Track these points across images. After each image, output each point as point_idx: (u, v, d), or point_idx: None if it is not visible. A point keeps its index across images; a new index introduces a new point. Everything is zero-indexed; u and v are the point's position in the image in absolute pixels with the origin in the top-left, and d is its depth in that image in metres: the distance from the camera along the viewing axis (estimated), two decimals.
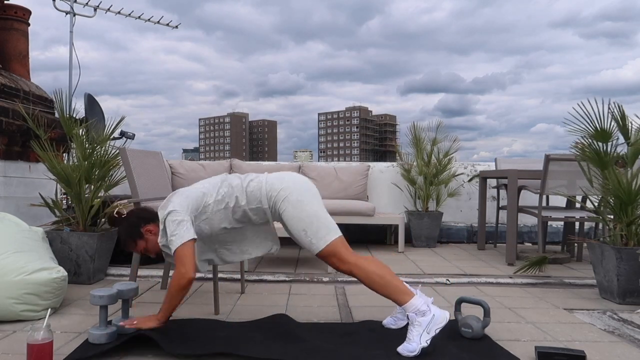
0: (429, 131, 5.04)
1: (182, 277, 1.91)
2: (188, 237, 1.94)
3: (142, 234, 2.11)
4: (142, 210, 2.20)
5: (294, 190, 2.06)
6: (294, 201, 2.04)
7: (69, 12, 5.00)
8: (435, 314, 1.93)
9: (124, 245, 2.15)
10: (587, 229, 4.81)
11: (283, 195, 2.06)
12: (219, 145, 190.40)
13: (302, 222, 2.03)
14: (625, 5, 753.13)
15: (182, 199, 2.03)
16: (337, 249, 2.03)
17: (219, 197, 2.09)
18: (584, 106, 3.09)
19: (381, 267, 2.04)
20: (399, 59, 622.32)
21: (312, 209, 2.04)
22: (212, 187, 2.12)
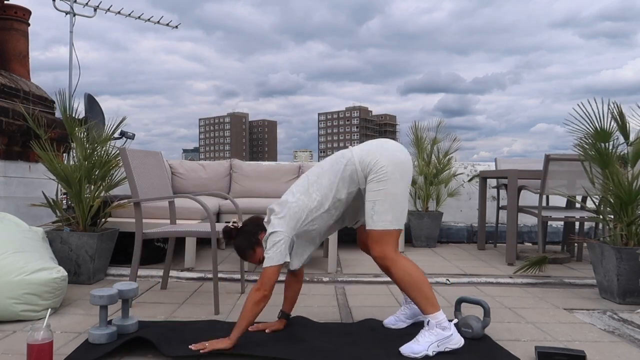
0: (429, 131, 5.04)
1: (258, 292, 1.92)
2: (278, 261, 1.94)
3: (259, 240, 2.09)
4: (256, 219, 2.16)
5: (387, 163, 1.98)
6: (383, 175, 1.97)
7: (69, 12, 5.00)
8: (453, 334, 1.93)
9: (244, 256, 2.13)
10: (587, 229, 4.81)
11: (375, 168, 1.98)
12: (219, 145, 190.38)
13: (379, 195, 1.97)
14: (625, 6, 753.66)
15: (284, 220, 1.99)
16: (387, 239, 1.98)
17: (315, 204, 2.03)
18: (585, 106, 3.09)
19: (418, 272, 2.01)
20: (399, 59, 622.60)
21: (396, 190, 1.98)
22: (306, 196, 2.04)
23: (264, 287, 1.92)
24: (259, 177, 5.03)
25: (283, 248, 1.96)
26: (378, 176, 1.98)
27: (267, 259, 1.95)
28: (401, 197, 2.01)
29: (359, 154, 2.04)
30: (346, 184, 2.03)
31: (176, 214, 3.19)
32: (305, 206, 2.02)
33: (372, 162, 2.00)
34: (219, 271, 3.41)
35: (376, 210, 1.97)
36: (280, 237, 1.96)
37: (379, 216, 1.97)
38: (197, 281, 3.24)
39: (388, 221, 1.97)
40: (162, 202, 3.42)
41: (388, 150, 2.03)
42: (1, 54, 4.45)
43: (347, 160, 2.04)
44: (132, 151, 2.77)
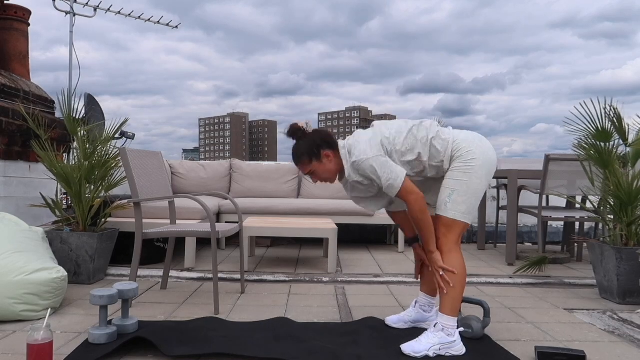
0: None
1: (418, 202, 1.93)
2: (402, 173, 1.93)
3: (321, 156, 2.06)
4: (327, 134, 2.13)
5: (479, 156, 1.97)
6: (471, 167, 1.96)
7: (69, 12, 5.00)
8: (457, 341, 1.93)
9: (297, 160, 2.10)
10: (587, 229, 4.81)
11: (466, 157, 1.97)
12: (219, 145, 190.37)
13: (460, 186, 1.96)
14: (624, 6, 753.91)
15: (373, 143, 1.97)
16: (455, 228, 1.98)
17: (403, 149, 2.00)
18: (586, 106, 3.09)
19: (462, 272, 2.01)
20: (399, 59, 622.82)
21: (479, 186, 1.97)
22: (397, 136, 2.01)
23: (416, 194, 1.92)
24: (259, 177, 5.03)
25: (392, 164, 1.94)
26: (466, 166, 1.97)
27: (394, 180, 1.92)
28: (479, 194, 2.00)
29: (458, 136, 2.03)
30: (433, 152, 2.01)
31: (176, 214, 3.19)
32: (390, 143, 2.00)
33: (465, 150, 1.98)
34: (219, 271, 3.41)
35: (452, 199, 1.97)
36: (383, 158, 1.94)
37: (453, 205, 1.97)
38: (197, 281, 3.24)
39: (461, 212, 1.97)
40: (162, 202, 3.42)
41: (484, 145, 2.03)
42: (1, 54, 4.45)
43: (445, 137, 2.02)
44: (132, 151, 2.77)
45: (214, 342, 1.98)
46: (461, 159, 1.98)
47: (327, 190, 4.94)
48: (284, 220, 3.95)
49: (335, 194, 4.91)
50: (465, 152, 1.98)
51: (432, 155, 2.02)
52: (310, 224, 3.67)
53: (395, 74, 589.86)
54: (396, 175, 1.93)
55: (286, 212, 4.46)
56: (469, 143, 2.00)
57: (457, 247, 2.01)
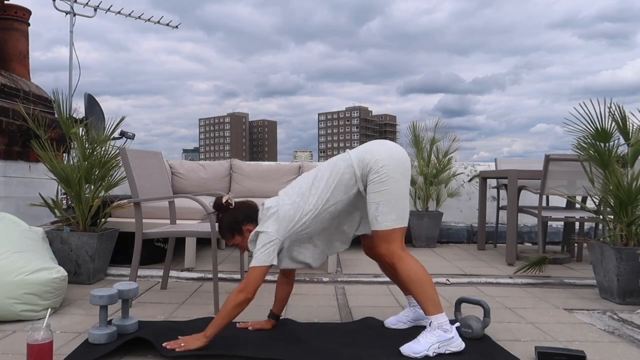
0: (428, 131, 5.04)
1: (241, 293, 1.91)
2: (265, 262, 1.94)
3: (243, 231, 2.09)
4: (249, 207, 2.15)
5: (388, 162, 1.98)
6: (384, 174, 1.97)
7: (69, 12, 5.00)
8: (454, 337, 1.93)
9: (222, 235, 2.14)
10: (587, 229, 4.81)
11: (375, 167, 1.97)
12: (219, 145, 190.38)
13: (382, 196, 1.97)
14: (624, 7, 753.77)
15: (277, 221, 1.99)
16: (394, 237, 1.98)
17: (310, 207, 2.02)
18: (586, 106, 3.09)
19: (424, 272, 2.00)
20: (399, 59, 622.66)
21: (398, 189, 1.98)
22: (303, 199, 2.03)
23: (247, 289, 1.91)
24: (259, 177, 5.03)
25: (272, 250, 1.95)
26: (379, 176, 1.97)
27: (255, 258, 1.94)
28: (403, 196, 2.01)
29: (357, 154, 2.04)
30: (343, 188, 2.02)
31: (176, 214, 3.19)
32: (299, 208, 2.01)
33: (372, 161, 1.99)
34: (219, 271, 3.41)
35: (380, 211, 1.97)
36: (271, 238, 1.95)
37: (383, 216, 1.97)
38: (197, 281, 3.24)
39: (392, 220, 1.97)
40: (162, 202, 3.42)
41: (387, 149, 2.03)
42: (1, 54, 4.45)
43: (346, 164, 2.03)
44: (132, 151, 2.77)
45: (213, 342, 1.97)
46: (372, 170, 1.99)
47: None
48: None
49: None
50: (373, 162, 1.99)
51: (347, 188, 2.02)
52: None
53: (396, 74, 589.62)
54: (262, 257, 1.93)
55: None
56: (372, 153, 2.01)
57: (404, 253, 2.00)
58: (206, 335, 1.90)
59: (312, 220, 2.03)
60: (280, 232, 1.98)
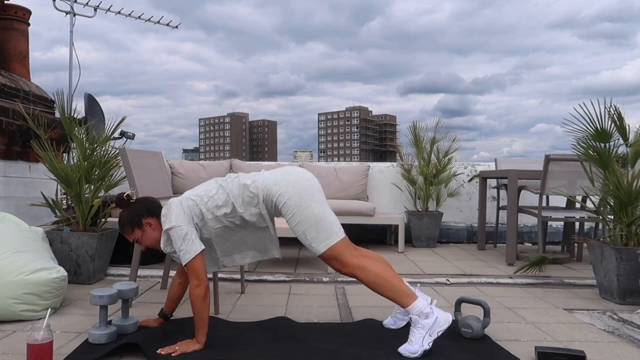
0: (428, 131, 5.04)
1: (198, 288, 1.91)
2: (195, 251, 1.93)
3: (143, 224, 2.08)
4: (150, 202, 2.16)
5: (293, 194, 2.01)
6: (293, 205, 2.00)
7: (69, 12, 5.00)
8: (438, 317, 1.91)
9: (121, 229, 2.12)
10: (587, 229, 4.81)
11: (282, 201, 2.01)
12: (219, 145, 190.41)
13: (302, 225, 1.99)
14: (624, 7, 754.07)
15: (179, 211, 1.99)
16: (338, 252, 1.99)
17: (215, 204, 2.04)
18: (586, 106, 3.09)
19: (385, 269, 2.01)
20: (399, 59, 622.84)
21: (312, 212, 1.99)
22: (207, 194, 2.06)
23: (201, 281, 1.91)
24: None
25: (193, 238, 1.95)
26: (290, 209, 2.00)
27: (184, 254, 1.92)
28: (323, 215, 2.01)
29: (264, 181, 2.05)
30: (246, 204, 2.05)
31: None
32: (202, 202, 2.03)
33: (278, 193, 2.01)
34: (219, 271, 3.41)
35: (310, 238, 1.99)
36: (184, 229, 1.94)
37: (316, 242, 1.98)
38: None
39: (325, 240, 1.98)
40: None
41: (292, 177, 2.05)
42: (1, 53, 4.45)
43: (253, 186, 2.04)
44: (132, 151, 2.77)
45: (214, 345, 1.97)
46: (281, 203, 2.01)
47: (327, 190, 4.94)
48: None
49: (335, 194, 4.91)
50: (279, 195, 2.01)
51: (246, 205, 2.05)
52: None
53: (396, 74, 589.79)
54: (188, 249, 1.93)
55: None
56: (278, 185, 2.03)
57: (358, 260, 2.00)
58: (199, 341, 1.91)
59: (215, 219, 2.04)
60: (182, 220, 1.96)
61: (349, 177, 4.98)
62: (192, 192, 2.09)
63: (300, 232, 2.01)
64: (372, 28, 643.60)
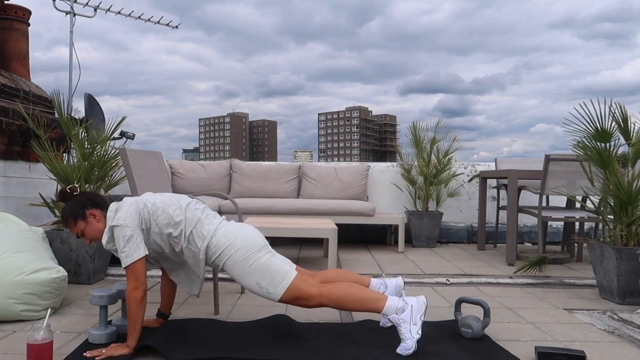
0: (428, 131, 5.04)
1: (137, 290, 1.87)
2: (138, 255, 1.88)
3: (86, 215, 2.00)
4: (94, 194, 2.11)
5: (239, 245, 1.97)
6: (239, 259, 1.96)
7: (69, 12, 5.00)
8: (412, 305, 1.91)
9: (64, 222, 2.05)
10: (587, 229, 4.81)
11: (227, 254, 1.97)
12: (219, 145, 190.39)
13: (253, 276, 1.95)
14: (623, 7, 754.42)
15: (131, 211, 1.94)
16: (297, 290, 1.95)
17: (167, 221, 1.99)
18: (586, 106, 3.09)
19: (347, 286, 1.98)
20: (399, 59, 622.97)
21: (260, 262, 1.96)
22: (164, 208, 2.00)
23: (140, 284, 1.87)
24: (259, 177, 5.03)
25: (139, 242, 1.90)
26: (241, 259, 1.95)
27: (126, 256, 1.88)
28: (270, 260, 1.98)
29: (219, 231, 2.02)
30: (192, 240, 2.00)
31: None
32: (155, 213, 1.98)
33: (226, 244, 1.97)
34: (219, 271, 3.41)
35: (264, 286, 1.95)
36: (130, 231, 1.89)
37: (272, 287, 1.94)
38: None
39: (279, 282, 1.94)
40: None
41: (244, 231, 2.03)
42: (1, 54, 4.45)
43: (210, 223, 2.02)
44: (132, 151, 2.77)
45: (214, 345, 1.97)
46: (229, 255, 1.97)
47: (327, 190, 4.94)
48: (284, 220, 3.95)
49: (335, 194, 4.91)
50: (226, 247, 1.97)
51: (192, 239, 2.01)
52: (310, 224, 3.67)
53: (396, 74, 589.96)
54: (131, 252, 1.88)
55: (286, 212, 4.46)
56: (228, 237, 1.99)
57: (319, 289, 1.95)
58: (129, 345, 1.87)
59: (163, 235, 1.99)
60: (132, 221, 1.91)
61: (349, 177, 4.98)
62: (152, 199, 2.03)
63: (253, 284, 1.95)
64: (372, 28, 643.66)
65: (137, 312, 1.87)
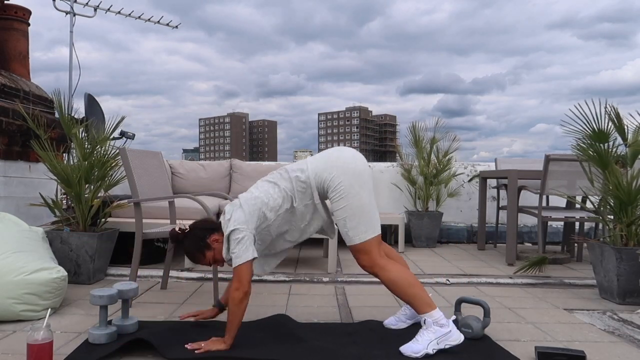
0: (428, 131, 5.04)
1: (237, 291, 1.91)
2: (247, 257, 1.92)
3: (209, 245, 2.07)
4: (204, 221, 2.15)
5: (343, 179, 1.99)
6: (342, 191, 1.99)
7: (69, 12, 5.00)
8: (452, 331, 1.93)
9: (193, 259, 2.10)
10: (587, 229, 4.81)
11: (332, 186, 2.00)
12: (219, 145, 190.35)
13: (345, 211, 1.99)
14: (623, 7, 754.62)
15: (243, 214, 1.98)
16: (369, 248, 2.00)
17: (276, 203, 2.03)
18: (581, 107, 3.09)
19: (407, 275, 2.01)
20: (400, 59, 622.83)
21: (359, 201, 1.99)
22: (265, 194, 2.05)
23: (242, 286, 1.91)
24: (259, 177, 4.97)
25: (248, 244, 1.94)
26: (338, 194, 1.99)
27: (235, 257, 1.92)
28: (368, 206, 2.02)
29: (314, 169, 2.05)
30: (300, 195, 2.05)
31: (176, 214, 3.19)
32: (263, 204, 2.02)
33: (329, 179, 2.01)
34: (219, 271, 3.41)
35: (349, 227, 2.00)
36: (243, 233, 1.93)
37: (353, 231, 2.00)
38: (197, 281, 3.24)
39: (363, 232, 1.99)
40: (162, 202, 3.42)
41: (342, 163, 2.04)
42: (1, 53, 4.45)
43: (304, 176, 2.05)
44: (132, 151, 2.78)
45: None
46: (330, 188, 2.01)
47: None
48: None
49: None
50: (330, 180, 2.01)
51: (301, 197, 2.04)
52: None
53: (396, 74, 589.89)
54: (241, 254, 1.92)
55: None
56: (327, 171, 2.02)
57: (384, 261, 2.01)
58: (226, 342, 1.91)
59: (276, 218, 2.04)
60: (248, 224, 1.96)
61: None
62: (250, 195, 2.06)
63: (340, 218, 2.00)
64: (372, 28, 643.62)
65: (236, 312, 1.92)
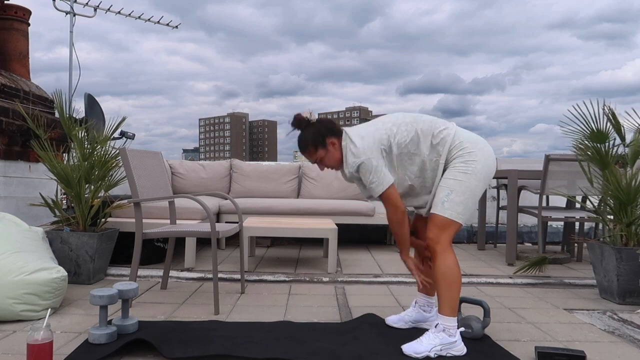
0: None
1: (395, 214, 1.98)
2: (388, 182, 1.95)
3: (327, 144, 2.05)
4: (331, 122, 2.13)
5: (479, 162, 1.95)
6: (470, 170, 1.95)
7: (69, 12, 5.00)
8: (457, 342, 1.92)
9: (303, 149, 2.10)
10: (587, 229, 4.81)
11: (465, 157, 1.95)
12: (219, 145, 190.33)
13: (456, 185, 1.95)
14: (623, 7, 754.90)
15: (370, 141, 1.96)
16: (449, 229, 1.96)
17: (404, 140, 1.98)
18: (579, 108, 3.09)
19: (457, 273, 1.97)
20: (400, 59, 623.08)
21: (473, 185, 1.95)
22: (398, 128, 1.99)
23: (397, 207, 1.97)
24: (259, 177, 5.03)
25: (384, 170, 1.96)
26: (466, 167, 1.95)
27: (376, 186, 1.95)
28: (477, 196, 1.99)
29: (461, 133, 2.01)
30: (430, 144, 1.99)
31: (176, 214, 3.19)
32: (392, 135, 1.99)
33: (468, 150, 1.96)
34: (219, 271, 3.41)
35: (450, 199, 1.95)
36: (373, 163, 1.94)
37: (450, 204, 1.95)
38: (197, 281, 3.24)
39: (457, 212, 1.95)
40: (162, 202, 3.42)
41: (486, 149, 2.02)
42: (1, 54, 4.45)
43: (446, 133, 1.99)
44: (132, 151, 2.78)
45: (214, 343, 1.98)
46: (462, 158, 1.96)
47: (327, 190, 4.94)
48: (284, 220, 3.95)
49: (335, 194, 4.91)
50: (467, 152, 1.96)
51: (433, 149, 1.99)
52: (310, 224, 3.67)
53: (396, 75, 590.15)
54: (381, 181, 1.94)
55: (286, 212, 4.46)
56: (472, 143, 1.98)
57: (450, 248, 1.99)
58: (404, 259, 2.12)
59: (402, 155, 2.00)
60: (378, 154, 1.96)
61: None
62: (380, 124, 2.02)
63: (447, 188, 1.96)
64: (373, 29, 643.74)
65: (401, 232, 2.02)
